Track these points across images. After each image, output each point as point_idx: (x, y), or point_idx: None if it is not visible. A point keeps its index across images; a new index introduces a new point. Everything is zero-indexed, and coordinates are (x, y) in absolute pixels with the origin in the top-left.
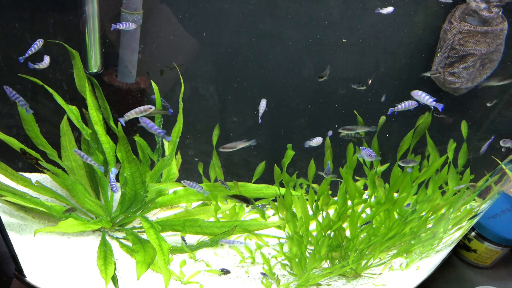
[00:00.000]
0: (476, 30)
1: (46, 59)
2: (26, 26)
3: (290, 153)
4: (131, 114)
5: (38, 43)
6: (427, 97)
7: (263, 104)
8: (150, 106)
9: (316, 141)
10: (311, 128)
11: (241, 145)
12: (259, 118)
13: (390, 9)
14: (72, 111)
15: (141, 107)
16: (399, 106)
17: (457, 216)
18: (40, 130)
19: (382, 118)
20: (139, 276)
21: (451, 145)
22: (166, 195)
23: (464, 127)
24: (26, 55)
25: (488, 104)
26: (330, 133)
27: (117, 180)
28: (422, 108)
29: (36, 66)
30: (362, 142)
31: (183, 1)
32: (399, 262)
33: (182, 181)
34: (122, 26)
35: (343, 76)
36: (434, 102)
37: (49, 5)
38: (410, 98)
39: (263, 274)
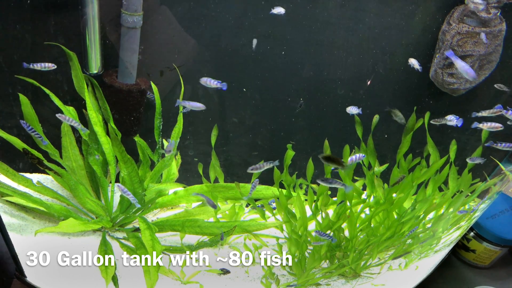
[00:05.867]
0: (475, 31)
1: (48, 64)
2: (26, 27)
3: (290, 153)
4: None
5: (48, 66)
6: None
7: None
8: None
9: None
10: (310, 129)
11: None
12: None
13: (281, 10)
14: (69, 111)
15: None
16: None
17: (456, 216)
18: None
19: (376, 117)
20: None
21: (453, 146)
22: (166, 195)
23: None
24: (31, 66)
25: None
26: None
27: (117, 180)
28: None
29: (31, 66)
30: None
31: (183, 2)
32: (398, 262)
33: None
34: None
35: (342, 77)
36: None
37: (50, 6)
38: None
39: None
